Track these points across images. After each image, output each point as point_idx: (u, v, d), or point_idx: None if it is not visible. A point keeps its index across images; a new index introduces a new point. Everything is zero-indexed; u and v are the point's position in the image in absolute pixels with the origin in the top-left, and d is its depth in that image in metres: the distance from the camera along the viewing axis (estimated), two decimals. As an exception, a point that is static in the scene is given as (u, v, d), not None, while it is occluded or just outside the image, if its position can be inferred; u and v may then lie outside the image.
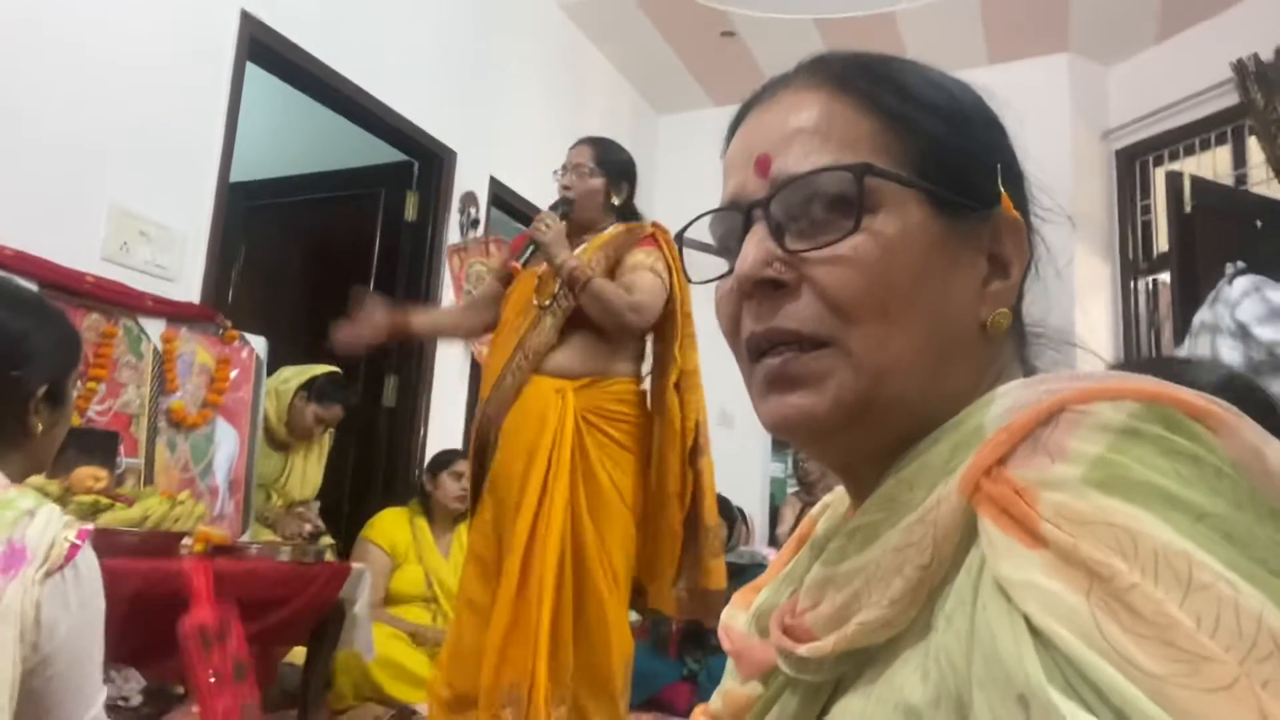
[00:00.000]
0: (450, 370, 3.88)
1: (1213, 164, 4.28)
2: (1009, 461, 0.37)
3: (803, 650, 0.45)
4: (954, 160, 0.48)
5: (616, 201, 2.33)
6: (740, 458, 4.89)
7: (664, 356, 2.31)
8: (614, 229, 2.30)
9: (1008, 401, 0.41)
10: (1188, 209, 3.71)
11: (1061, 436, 0.36)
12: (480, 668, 2.04)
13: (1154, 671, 0.30)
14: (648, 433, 2.26)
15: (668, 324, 2.28)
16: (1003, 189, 0.48)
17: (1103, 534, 0.33)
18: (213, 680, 1.12)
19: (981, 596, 0.36)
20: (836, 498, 0.56)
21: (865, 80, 0.49)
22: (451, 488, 3.18)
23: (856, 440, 0.48)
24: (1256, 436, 0.36)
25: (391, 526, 3.18)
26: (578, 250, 2.24)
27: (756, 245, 0.48)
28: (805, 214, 0.47)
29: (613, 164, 2.33)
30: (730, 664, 0.56)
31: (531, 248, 2.20)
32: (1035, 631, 0.33)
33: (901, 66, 0.51)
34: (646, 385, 2.33)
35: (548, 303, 2.19)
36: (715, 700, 0.57)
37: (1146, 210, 4.57)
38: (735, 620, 0.58)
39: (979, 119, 0.51)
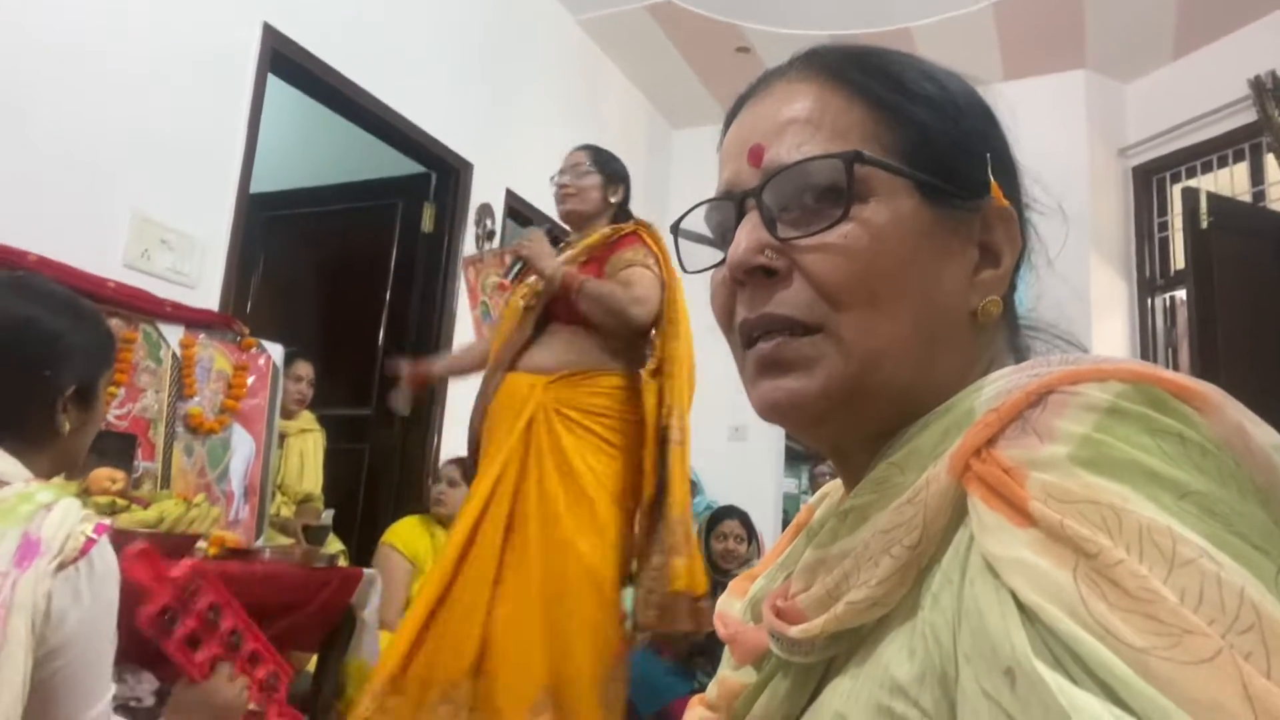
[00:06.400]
0: (464, 379, 3.89)
1: (1230, 181, 4.26)
2: (998, 442, 0.38)
3: (794, 631, 0.45)
4: (944, 150, 0.49)
5: (613, 200, 2.34)
6: (753, 471, 4.89)
7: (648, 347, 2.29)
8: (601, 231, 2.31)
9: (998, 386, 0.41)
10: (1204, 226, 3.69)
11: (1049, 417, 0.37)
12: (456, 655, 1.98)
13: (1138, 645, 0.30)
14: (635, 427, 2.20)
15: (657, 316, 2.26)
16: (994, 179, 0.49)
17: (1089, 511, 0.34)
18: (188, 642, 1.12)
19: (969, 574, 0.37)
20: (834, 487, 0.57)
21: (857, 71, 0.50)
22: (450, 497, 3.19)
23: (846, 424, 0.48)
24: (1240, 415, 0.36)
25: (413, 534, 3.16)
26: (563, 256, 2.24)
27: (749, 233, 0.48)
28: (797, 202, 0.48)
29: (607, 164, 2.38)
30: (726, 651, 0.57)
31: (518, 265, 2.25)
32: (1022, 607, 0.33)
33: (894, 58, 0.52)
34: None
35: (533, 303, 2.23)
36: (711, 689, 0.57)
37: (1163, 227, 4.55)
38: (731, 607, 0.58)
39: (970, 109, 0.52)
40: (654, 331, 2.25)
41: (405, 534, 3.15)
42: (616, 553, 2.12)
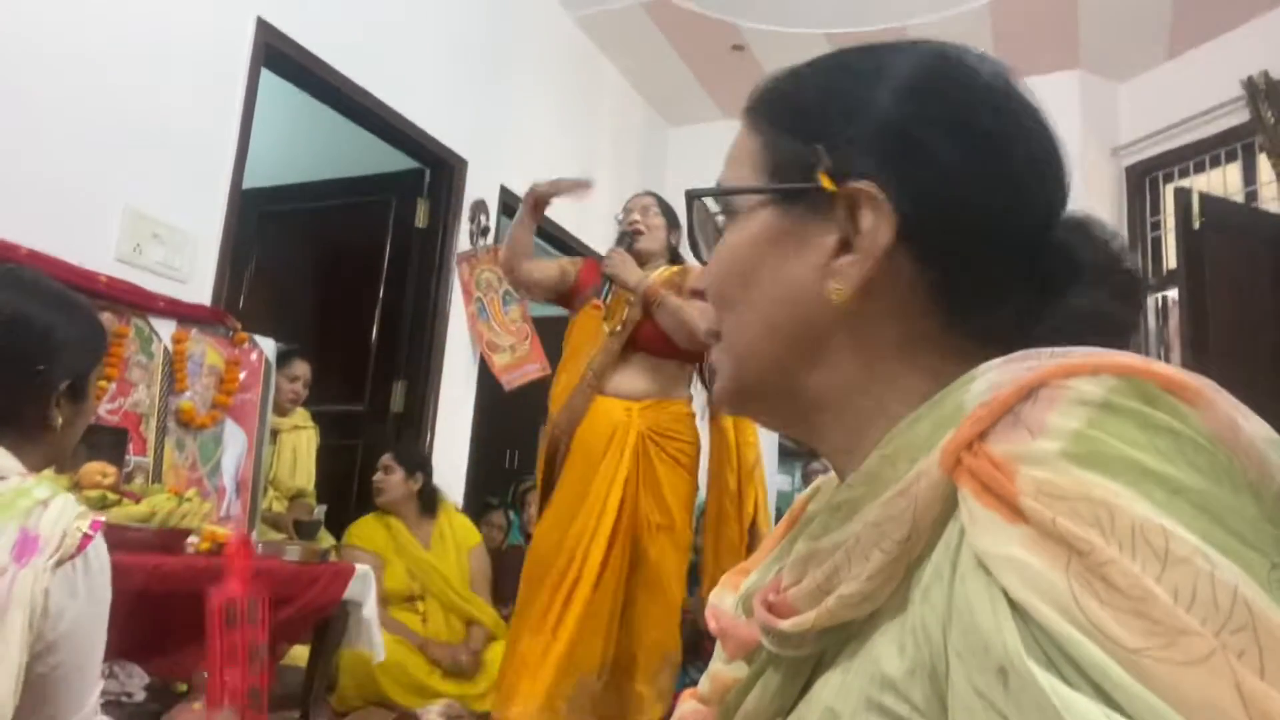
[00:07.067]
0: (458, 376, 3.89)
1: (1223, 181, 4.28)
2: (989, 436, 0.38)
3: (785, 625, 0.45)
4: (791, 155, 0.50)
5: (673, 242, 2.61)
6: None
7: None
8: (670, 269, 2.55)
9: (990, 379, 0.41)
10: (1197, 226, 3.71)
11: (1041, 412, 0.37)
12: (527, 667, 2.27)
13: (1131, 645, 0.30)
14: (699, 450, 2.52)
15: None
16: (832, 164, 0.48)
17: (1081, 509, 0.33)
18: (226, 656, 1.12)
19: (960, 570, 0.36)
20: (828, 481, 0.57)
21: (757, 102, 0.54)
22: (386, 484, 3.24)
23: (771, 419, 0.55)
24: (1232, 409, 0.36)
25: (370, 530, 3.24)
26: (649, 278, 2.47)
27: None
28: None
29: (669, 211, 2.68)
30: (718, 646, 0.57)
31: (608, 284, 2.45)
32: (1014, 605, 0.33)
33: (782, 77, 0.54)
34: (694, 407, 2.59)
35: (619, 328, 2.44)
36: (703, 683, 0.57)
37: (1156, 227, 4.56)
38: (723, 601, 0.58)
39: (842, 100, 0.50)
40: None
41: (364, 532, 3.24)
42: (684, 555, 2.47)
